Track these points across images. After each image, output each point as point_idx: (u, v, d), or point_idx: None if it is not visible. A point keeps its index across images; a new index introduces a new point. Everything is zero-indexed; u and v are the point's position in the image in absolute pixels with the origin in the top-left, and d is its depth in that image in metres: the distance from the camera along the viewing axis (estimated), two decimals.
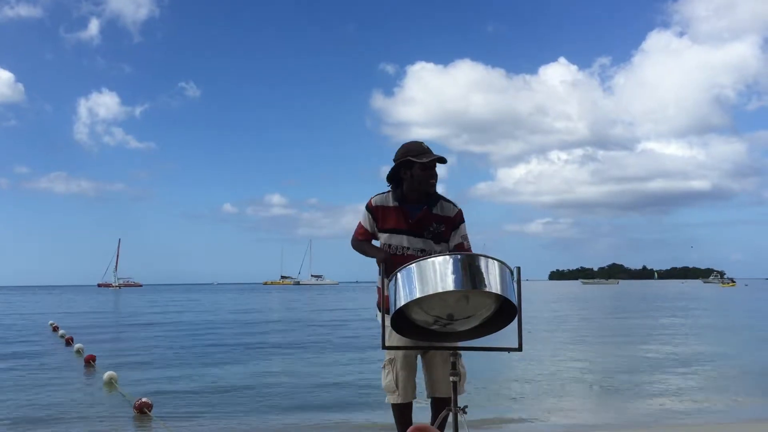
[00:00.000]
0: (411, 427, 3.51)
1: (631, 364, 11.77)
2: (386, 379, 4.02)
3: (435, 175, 3.94)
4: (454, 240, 4.03)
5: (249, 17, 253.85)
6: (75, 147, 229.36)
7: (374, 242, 4.12)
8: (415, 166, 3.89)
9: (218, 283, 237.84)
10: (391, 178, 4.03)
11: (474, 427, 3.44)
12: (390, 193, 4.05)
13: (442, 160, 3.91)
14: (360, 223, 4.13)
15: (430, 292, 2.99)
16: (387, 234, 4.01)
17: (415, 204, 3.98)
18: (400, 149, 4.00)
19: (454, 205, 4.04)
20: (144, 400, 7.28)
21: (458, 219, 4.04)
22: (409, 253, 3.93)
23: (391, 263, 3.73)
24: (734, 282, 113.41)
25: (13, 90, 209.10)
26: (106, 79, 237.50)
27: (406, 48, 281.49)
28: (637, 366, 11.57)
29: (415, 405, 4.10)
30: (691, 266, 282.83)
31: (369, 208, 4.07)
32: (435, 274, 3.01)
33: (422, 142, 3.98)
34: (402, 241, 3.96)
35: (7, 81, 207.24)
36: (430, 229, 3.97)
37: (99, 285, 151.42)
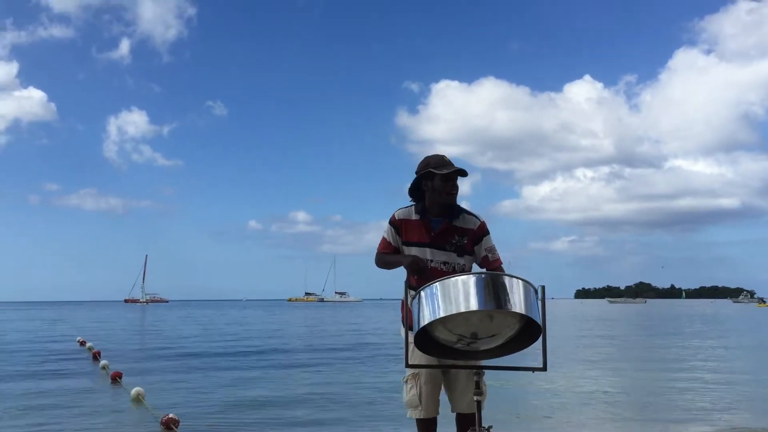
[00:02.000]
0: None
1: (661, 387, 11.59)
2: (409, 393, 3.99)
3: (455, 187, 3.94)
4: (480, 253, 4.03)
5: (275, 37, 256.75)
6: (104, 164, 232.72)
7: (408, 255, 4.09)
8: (435, 178, 3.91)
9: (247, 300, 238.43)
10: (413, 190, 4.06)
11: None
12: (413, 206, 4.07)
13: (462, 173, 3.91)
14: (383, 237, 4.14)
15: (454, 312, 2.98)
16: (410, 247, 4.02)
17: (437, 217, 3.99)
18: (421, 162, 4.03)
19: (477, 217, 4.03)
20: (171, 416, 7.32)
21: (481, 232, 4.02)
22: (432, 265, 3.94)
23: (418, 264, 3.77)
24: None
25: (45, 109, 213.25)
26: (135, 98, 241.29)
27: (431, 66, 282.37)
28: (666, 389, 11.38)
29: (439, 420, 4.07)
30: (720, 285, 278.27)
31: (392, 222, 4.08)
32: (458, 293, 3.00)
33: (444, 155, 3.99)
34: (425, 253, 3.97)
35: (40, 100, 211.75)
36: (453, 242, 3.97)
37: (126, 301, 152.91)
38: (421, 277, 3.75)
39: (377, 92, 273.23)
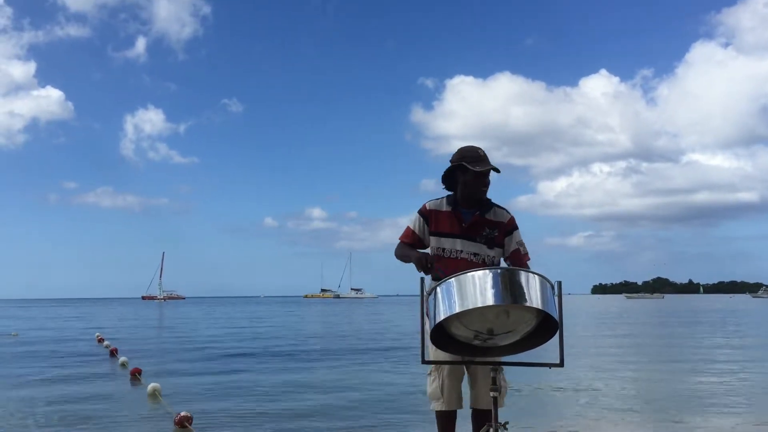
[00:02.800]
0: None
1: (679, 383, 11.50)
2: (432, 385, 3.99)
3: (487, 183, 3.96)
4: (510, 246, 4.05)
5: (290, 35, 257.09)
6: (121, 162, 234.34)
7: (421, 251, 4.08)
8: (468, 173, 3.92)
9: (265, 296, 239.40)
10: (445, 178, 4.07)
11: None
12: (445, 198, 4.07)
13: (496, 170, 3.94)
14: (408, 227, 4.13)
15: (470, 307, 2.97)
16: (439, 237, 4.02)
17: (468, 209, 4.00)
18: (456, 152, 4.03)
19: (507, 211, 4.08)
20: (184, 413, 7.30)
21: (511, 225, 4.05)
22: (462, 256, 3.95)
23: (427, 261, 3.75)
24: None
25: (63, 108, 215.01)
26: (151, 96, 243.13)
27: (445, 62, 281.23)
28: (684, 384, 11.30)
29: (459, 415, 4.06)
30: (738, 280, 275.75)
31: (423, 212, 4.08)
32: (475, 289, 2.99)
33: (479, 148, 3.99)
34: (455, 244, 3.98)
35: (58, 99, 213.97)
36: (483, 234, 3.99)
37: (143, 297, 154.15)
38: (426, 274, 3.73)
39: (392, 89, 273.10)
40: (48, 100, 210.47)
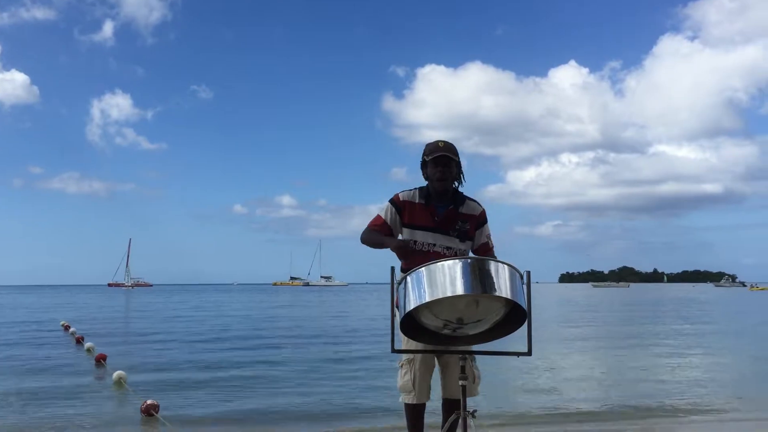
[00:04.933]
0: None
1: (644, 369, 11.71)
2: (403, 378, 3.99)
3: (445, 173, 3.91)
4: (480, 239, 4.06)
5: (260, 20, 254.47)
6: (87, 148, 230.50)
7: (400, 238, 4.06)
8: (428, 165, 3.93)
9: (238, 284, 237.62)
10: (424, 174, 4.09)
11: (483, 431, 3.42)
12: (417, 190, 4.06)
13: (442, 159, 3.87)
14: (378, 215, 4.08)
15: (440, 296, 2.97)
16: (412, 230, 4.00)
17: (441, 202, 4.00)
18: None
19: (479, 204, 4.09)
20: (150, 402, 7.25)
21: (482, 218, 4.07)
22: (435, 249, 3.94)
23: (407, 249, 3.75)
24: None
25: (28, 92, 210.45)
26: (119, 80, 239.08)
27: (417, 50, 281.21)
28: (649, 372, 11.51)
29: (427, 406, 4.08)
30: (702, 269, 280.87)
31: (395, 201, 4.05)
32: (445, 278, 3.00)
33: (439, 141, 3.97)
34: (428, 237, 3.97)
35: (23, 83, 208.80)
36: (456, 227, 3.99)
37: (109, 285, 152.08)
38: (405, 261, 3.74)
39: (363, 76, 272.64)
40: (13, 84, 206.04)
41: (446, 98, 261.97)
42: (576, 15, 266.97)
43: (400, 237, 4.02)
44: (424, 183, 4.06)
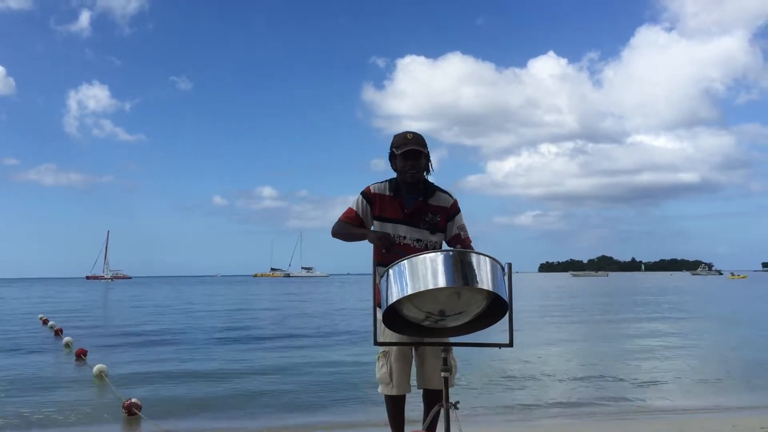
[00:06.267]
0: None
1: (622, 360, 11.84)
2: (380, 371, 4.00)
3: (414, 166, 3.90)
4: (452, 231, 4.04)
5: (239, 9, 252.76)
6: (64, 139, 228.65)
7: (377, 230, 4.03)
8: (398, 158, 3.91)
9: (222, 275, 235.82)
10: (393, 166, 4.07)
11: (465, 422, 3.44)
12: (387, 182, 4.05)
13: (411, 153, 3.86)
14: (350, 208, 4.06)
15: (422, 289, 2.98)
16: (382, 222, 3.99)
17: (411, 194, 3.99)
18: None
19: (450, 195, 4.06)
20: (133, 400, 7.17)
21: (454, 209, 4.05)
22: (405, 242, 3.94)
23: (389, 240, 3.78)
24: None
25: (3, 83, 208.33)
26: (96, 71, 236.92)
27: (397, 41, 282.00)
28: (628, 362, 11.64)
29: (407, 398, 4.10)
30: (679, 258, 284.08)
31: (366, 194, 4.03)
32: (427, 271, 3.00)
33: (408, 133, 3.96)
34: (398, 230, 3.96)
35: None
36: (426, 220, 3.98)
37: (87, 277, 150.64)
38: (388, 253, 3.74)
39: (343, 66, 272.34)
40: None
41: (426, 89, 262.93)
42: (555, 6, 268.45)
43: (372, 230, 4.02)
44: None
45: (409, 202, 3.98)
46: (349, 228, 4.02)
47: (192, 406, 7.86)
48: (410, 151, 3.88)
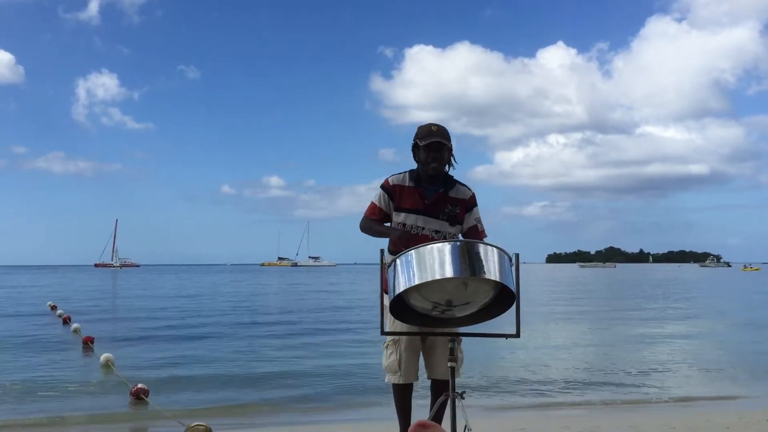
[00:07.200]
0: (414, 424, 3.47)
1: (630, 351, 11.83)
2: (388, 359, 4.01)
3: (437, 158, 3.90)
4: (468, 222, 4.05)
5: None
6: (73, 127, 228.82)
7: (386, 224, 4.08)
8: (420, 149, 3.91)
9: (232, 264, 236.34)
10: (415, 157, 4.07)
11: (472, 412, 3.45)
12: (407, 173, 4.05)
13: (443, 143, 3.87)
14: (373, 203, 4.09)
15: (429, 279, 2.98)
16: (403, 213, 4.00)
17: (431, 186, 3.99)
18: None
19: (469, 188, 4.08)
20: (140, 386, 7.23)
21: (472, 202, 4.06)
22: (423, 233, 3.94)
23: (408, 238, 3.78)
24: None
25: (13, 72, 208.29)
26: (104, 60, 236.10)
27: (405, 31, 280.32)
28: (635, 353, 11.62)
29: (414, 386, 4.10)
30: (687, 250, 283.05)
31: (386, 187, 4.04)
32: (434, 261, 3.00)
33: (432, 125, 3.96)
34: (417, 221, 3.97)
35: (8, 63, 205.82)
36: (446, 211, 3.99)
37: (96, 265, 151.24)
38: (406, 248, 3.73)
39: (352, 56, 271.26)
40: None
41: (435, 79, 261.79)
42: None
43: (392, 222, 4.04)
44: (414, 164, 4.05)
45: (430, 194, 3.98)
46: (371, 224, 4.06)
47: (198, 392, 7.89)
48: (434, 143, 3.87)
